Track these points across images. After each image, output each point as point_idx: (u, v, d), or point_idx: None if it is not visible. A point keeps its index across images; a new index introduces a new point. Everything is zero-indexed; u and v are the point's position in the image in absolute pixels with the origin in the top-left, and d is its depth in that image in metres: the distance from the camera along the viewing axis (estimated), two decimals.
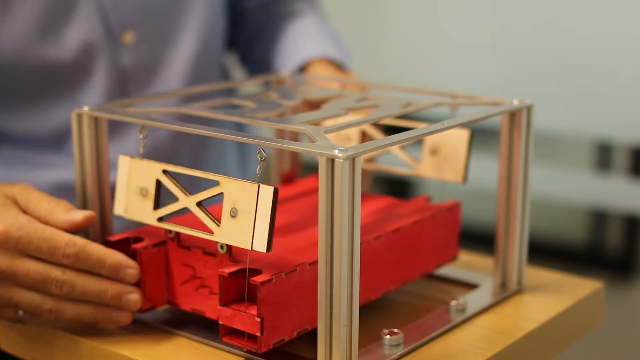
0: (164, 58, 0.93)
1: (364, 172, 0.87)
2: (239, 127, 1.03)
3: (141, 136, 0.66)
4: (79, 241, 0.64)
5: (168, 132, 0.92)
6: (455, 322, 0.68)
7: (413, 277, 0.73)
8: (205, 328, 0.66)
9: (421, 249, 0.73)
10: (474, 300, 0.71)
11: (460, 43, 2.38)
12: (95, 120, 0.67)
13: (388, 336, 0.63)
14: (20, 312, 0.65)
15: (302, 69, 0.96)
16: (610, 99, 2.17)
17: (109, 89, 0.89)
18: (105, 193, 0.69)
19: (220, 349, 0.64)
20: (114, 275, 0.64)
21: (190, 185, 0.66)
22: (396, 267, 0.70)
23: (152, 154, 0.90)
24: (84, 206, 0.69)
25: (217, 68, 1.00)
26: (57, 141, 0.90)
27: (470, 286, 0.76)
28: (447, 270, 0.78)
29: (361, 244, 0.65)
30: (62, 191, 0.85)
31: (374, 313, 0.70)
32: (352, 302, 0.57)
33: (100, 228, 0.69)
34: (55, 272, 0.63)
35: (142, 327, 0.67)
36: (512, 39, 2.28)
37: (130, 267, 0.64)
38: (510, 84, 2.29)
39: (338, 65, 0.96)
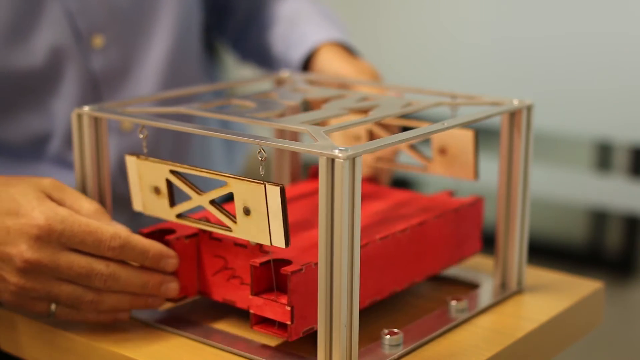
0: (136, 59, 0.91)
1: (383, 170, 0.87)
2: (225, 125, 1.03)
3: (142, 136, 0.66)
4: (123, 233, 0.64)
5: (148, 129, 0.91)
6: (455, 322, 0.68)
7: (437, 270, 0.74)
8: (206, 328, 0.67)
9: (444, 243, 0.73)
10: (474, 300, 0.71)
11: (460, 43, 2.38)
12: (95, 120, 0.68)
13: (388, 336, 0.63)
14: (53, 307, 0.65)
15: (310, 56, 0.95)
16: (610, 99, 2.17)
17: (81, 94, 0.88)
18: (105, 193, 0.69)
19: (221, 349, 0.64)
20: (155, 265, 0.65)
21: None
22: (420, 259, 0.71)
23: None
24: None
25: (196, 64, 0.99)
26: (36, 148, 0.89)
27: (470, 286, 0.76)
28: (447, 270, 0.78)
29: (386, 237, 0.67)
30: None
31: (374, 313, 0.70)
32: (352, 302, 0.57)
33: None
34: (100, 266, 0.63)
35: (142, 327, 0.67)
36: (512, 39, 2.28)
37: (171, 257, 0.66)
38: (510, 84, 2.29)
39: (348, 50, 0.95)
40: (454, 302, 0.69)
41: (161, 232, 0.68)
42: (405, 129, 0.69)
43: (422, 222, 0.71)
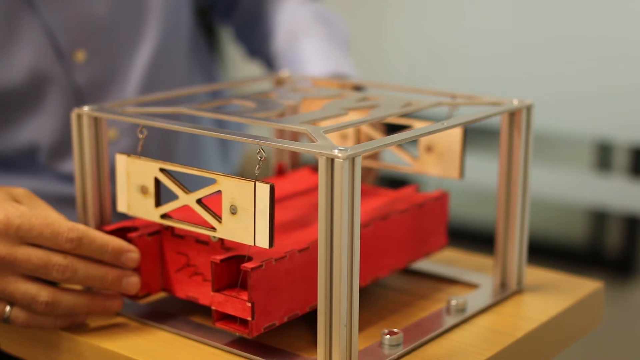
0: (120, 69, 0.91)
1: (369, 169, 0.87)
2: (220, 124, 1.02)
3: (141, 136, 0.66)
4: (82, 227, 0.64)
5: (135, 128, 0.91)
6: (455, 322, 0.68)
7: (401, 265, 0.74)
8: (206, 328, 0.67)
9: (408, 237, 0.73)
10: (473, 300, 0.71)
11: (460, 43, 2.38)
12: (95, 120, 0.68)
13: (388, 336, 0.63)
14: (8, 309, 0.65)
15: None
16: (610, 99, 2.17)
17: (65, 108, 0.87)
18: (104, 193, 0.69)
19: (221, 349, 0.64)
20: (115, 260, 0.65)
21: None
22: (384, 254, 0.71)
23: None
24: (84, 205, 0.69)
25: (183, 66, 0.99)
26: (27, 160, 0.89)
27: (470, 286, 0.76)
28: (447, 270, 0.78)
29: None
30: None
31: (374, 313, 0.70)
32: (352, 302, 0.57)
33: (100, 226, 0.69)
34: (57, 257, 0.63)
35: (142, 327, 0.67)
36: (512, 39, 2.28)
37: (131, 251, 0.65)
38: (511, 84, 2.29)
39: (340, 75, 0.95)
40: (454, 302, 0.69)
41: (124, 230, 0.68)
42: (395, 127, 0.69)
43: (385, 216, 0.71)
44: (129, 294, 0.67)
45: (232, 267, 0.62)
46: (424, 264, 0.79)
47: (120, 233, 0.67)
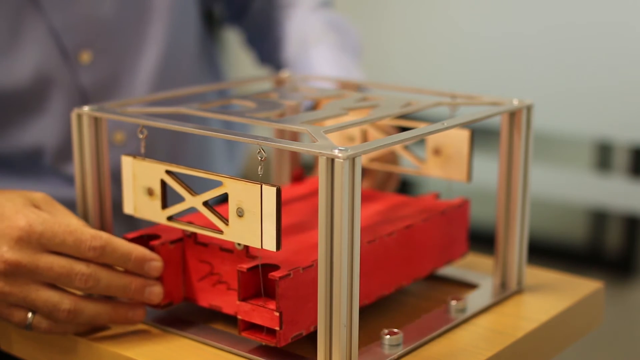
0: (126, 71, 0.90)
1: (390, 175, 0.87)
2: (226, 124, 1.02)
3: (141, 136, 0.66)
4: (105, 235, 0.63)
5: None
6: (455, 322, 0.68)
7: (424, 273, 0.73)
8: (206, 328, 0.67)
9: (431, 245, 0.73)
10: (474, 300, 0.71)
11: (459, 44, 2.38)
12: (95, 120, 0.67)
13: (388, 336, 0.63)
14: (30, 317, 0.64)
15: None
16: (610, 99, 2.17)
17: (71, 109, 0.87)
18: (105, 193, 0.69)
19: (220, 349, 0.64)
20: (138, 269, 0.64)
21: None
22: (408, 263, 0.71)
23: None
24: (84, 206, 0.69)
25: (190, 67, 0.98)
26: (32, 162, 0.89)
27: (470, 286, 0.76)
28: (447, 270, 0.78)
29: (373, 240, 0.66)
30: None
31: (374, 313, 0.70)
32: (352, 302, 0.57)
33: (100, 228, 0.69)
34: (80, 266, 0.62)
35: (142, 327, 0.67)
36: (512, 39, 2.28)
37: (154, 259, 0.65)
38: (511, 84, 2.29)
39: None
40: (454, 302, 0.69)
41: (146, 238, 0.67)
42: (401, 129, 0.69)
43: (409, 225, 0.70)
44: (151, 304, 0.66)
45: (257, 276, 0.62)
46: None
47: (143, 241, 0.67)
